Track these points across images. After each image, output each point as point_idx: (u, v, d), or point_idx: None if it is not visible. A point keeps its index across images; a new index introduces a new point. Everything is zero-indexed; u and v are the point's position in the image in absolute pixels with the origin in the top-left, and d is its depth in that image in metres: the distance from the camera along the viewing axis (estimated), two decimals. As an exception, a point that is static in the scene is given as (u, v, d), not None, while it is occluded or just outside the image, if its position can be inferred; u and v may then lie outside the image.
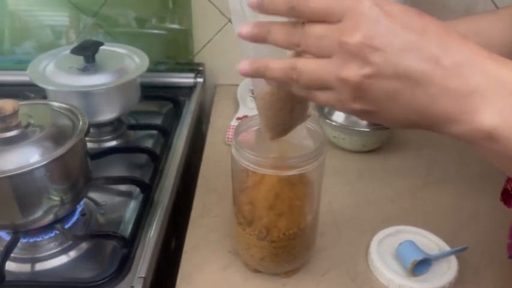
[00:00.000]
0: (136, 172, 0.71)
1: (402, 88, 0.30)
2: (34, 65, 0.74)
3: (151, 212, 0.62)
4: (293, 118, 0.44)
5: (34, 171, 0.50)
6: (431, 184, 0.70)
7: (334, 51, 0.31)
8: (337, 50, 0.30)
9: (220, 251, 0.59)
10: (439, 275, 0.53)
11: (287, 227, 0.51)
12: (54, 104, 0.60)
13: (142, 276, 0.52)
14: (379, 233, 0.59)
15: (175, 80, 0.92)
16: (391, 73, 0.29)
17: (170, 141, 0.76)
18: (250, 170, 0.48)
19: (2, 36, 0.94)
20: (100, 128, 0.79)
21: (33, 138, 0.52)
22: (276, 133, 0.45)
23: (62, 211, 0.55)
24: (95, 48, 0.73)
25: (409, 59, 0.29)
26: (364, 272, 0.56)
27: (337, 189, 0.69)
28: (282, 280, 0.55)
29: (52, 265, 0.56)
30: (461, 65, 0.29)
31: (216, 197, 0.67)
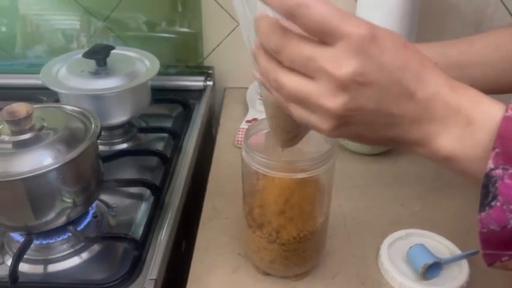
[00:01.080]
0: (147, 175, 0.72)
1: (381, 120, 0.33)
2: (47, 69, 0.75)
3: (162, 214, 0.63)
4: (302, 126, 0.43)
5: (47, 173, 0.51)
6: (441, 187, 0.70)
7: (321, 77, 0.31)
8: (324, 77, 0.31)
9: (230, 253, 0.59)
10: (450, 279, 0.53)
11: (297, 230, 0.51)
12: (67, 108, 0.60)
13: (154, 278, 0.52)
14: (390, 236, 0.59)
15: (185, 83, 0.93)
16: (374, 108, 0.32)
17: (180, 144, 0.77)
18: (261, 172, 0.48)
19: (13, 40, 0.96)
20: (111, 131, 0.79)
21: (47, 141, 0.52)
22: (286, 141, 0.45)
23: (74, 213, 0.56)
24: (106, 52, 0.74)
25: (391, 95, 0.31)
26: (374, 275, 0.56)
27: (346, 192, 0.69)
28: (292, 283, 0.55)
29: (64, 267, 0.57)
30: (429, 99, 0.32)
31: (226, 200, 0.67)
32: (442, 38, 0.90)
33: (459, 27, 0.88)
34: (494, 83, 0.52)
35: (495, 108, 0.32)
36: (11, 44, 0.96)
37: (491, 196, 0.30)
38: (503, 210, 0.30)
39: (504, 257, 0.32)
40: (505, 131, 0.30)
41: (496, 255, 0.32)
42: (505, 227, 0.30)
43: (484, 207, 0.31)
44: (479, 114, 0.32)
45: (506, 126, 0.30)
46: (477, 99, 0.33)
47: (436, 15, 0.87)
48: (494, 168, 0.30)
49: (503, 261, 0.32)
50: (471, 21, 0.88)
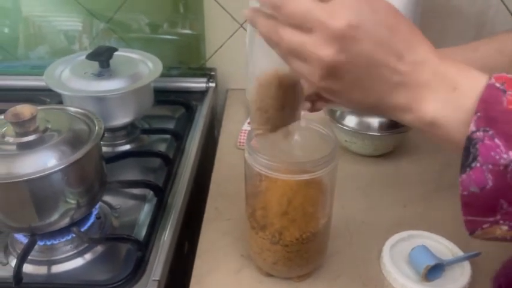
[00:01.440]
0: (150, 176, 0.72)
1: (368, 75, 0.34)
2: (50, 71, 0.75)
3: (164, 216, 0.63)
4: (283, 117, 0.46)
5: (51, 175, 0.52)
6: (443, 189, 0.70)
7: (316, 29, 0.33)
8: (319, 29, 0.33)
9: (233, 254, 0.59)
10: (452, 281, 0.53)
11: (300, 231, 0.51)
12: (70, 109, 0.61)
13: (157, 279, 0.53)
14: (392, 237, 0.59)
15: (188, 85, 0.93)
16: (363, 63, 0.33)
17: (183, 145, 0.77)
18: (264, 174, 0.49)
19: (16, 42, 0.96)
20: (114, 133, 0.80)
21: (51, 143, 0.53)
22: (265, 129, 0.46)
23: (78, 214, 0.56)
24: (109, 54, 0.74)
25: (380, 53, 0.33)
26: (376, 277, 0.56)
27: (349, 194, 0.69)
28: (295, 284, 0.55)
29: (68, 267, 0.57)
30: (418, 63, 0.34)
31: (229, 201, 0.67)
32: (443, 40, 0.91)
33: (461, 29, 0.89)
34: None
35: (481, 78, 0.33)
36: (13, 45, 0.96)
37: (471, 157, 0.31)
38: (482, 171, 0.31)
39: (485, 224, 0.32)
40: (487, 96, 0.31)
41: (477, 222, 0.33)
42: (483, 188, 0.31)
43: (464, 168, 0.32)
44: (465, 81, 0.33)
45: (489, 92, 0.31)
46: (465, 69, 0.34)
47: (438, 17, 0.88)
48: (475, 130, 0.31)
49: (484, 228, 0.33)
50: (473, 23, 0.88)
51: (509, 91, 0.31)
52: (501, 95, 0.31)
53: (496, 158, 0.30)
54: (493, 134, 0.30)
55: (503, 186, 0.30)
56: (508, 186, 0.30)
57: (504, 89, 0.31)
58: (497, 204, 0.31)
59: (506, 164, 0.30)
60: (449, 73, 0.34)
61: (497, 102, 0.31)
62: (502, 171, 0.30)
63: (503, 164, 0.30)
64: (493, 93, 0.31)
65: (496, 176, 0.30)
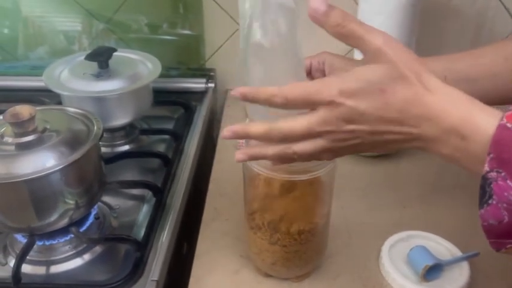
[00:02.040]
0: (148, 176, 0.72)
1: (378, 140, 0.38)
2: (49, 71, 0.75)
3: (163, 216, 0.63)
4: None
5: (50, 175, 0.52)
6: (443, 189, 0.70)
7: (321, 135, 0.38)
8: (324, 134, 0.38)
9: (232, 255, 0.59)
10: (451, 281, 0.53)
11: (299, 231, 0.51)
12: (69, 110, 0.61)
13: (155, 279, 0.53)
14: (391, 237, 0.59)
15: (187, 85, 0.93)
16: (371, 140, 0.38)
17: (182, 145, 0.77)
18: (262, 174, 0.49)
19: (16, 42, 0.96)
20: (113, 133, 0.80)
21: (49, 143, 0.53)
22: None
23: (77, 214, 0.56)
24: (108, 55, 0.74)
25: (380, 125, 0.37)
26: (375, 277, 0.56)
27: (348, 194, 0.69)
28: (294, 285, 0.55)
29: (67, 268, 0.57)
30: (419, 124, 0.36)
31: (228, 201, 0.67)
32: (442, 42, 0.91)
33: (459, 31, 0.89)
34: (506, 94, 0.53)
35: (488, 122, 0.34)
36: (13, 45, 0.96)
37: (487, 195, 0.33)
38: (498, 208, 0.33)
39: (508, 244, 0.35)
40: (498, 138, 0.33)
41: (501, 243, 0.35)
42: (501, 222, 0.33)
43: (482, 204, 0.34)
44: (471, 130, 0.35)
45: (500, 133, 0.33)
46: (469, 116, 0.35)
47: (436, 19, 0.88)
48: (489, 171, 0.33)
49: (508, 248, 0.35)
50: (472, 25, 0.88)
51: None
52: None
53: (510, 198, 0.32)
54: (505, 175, 0.33)
55: None
56: None
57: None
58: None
59: None
60: (454, 125, 0.35)
61: (508, 145, 0.32)
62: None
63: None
64: (506, 134, 0.33)
65: (510, 213, 0.33)
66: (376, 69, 0.36)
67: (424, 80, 0.36)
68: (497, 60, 0.53)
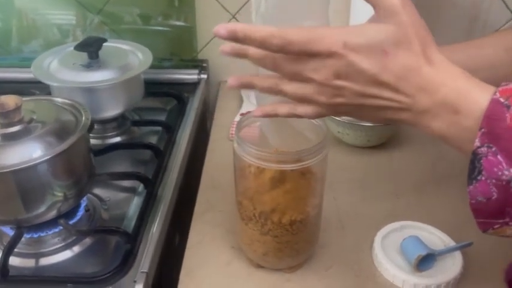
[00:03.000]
0: (140, 168, 0.71)
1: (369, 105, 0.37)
2: (38, 62, 0.74)
3: (154, 208, 0.62)
4: None
5: (37, 166, 0.51)
6: (437, 179, 0.70)
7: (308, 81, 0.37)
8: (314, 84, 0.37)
9: (224, 246, 0.59)
10: (444, 271, 0.53)
11: (290, 221, 0.50)
12: (57, 100, 0.60)
13: (145, 271, 0.52)
14: (384, 228, 0.59)
15: (180, 77, 0.92)
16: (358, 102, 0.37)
17: (174, 137, 0.76)
18: (253, 164, 0.48)
19: (9, 35, 0.95)
20: (104, 125, 0.79)
21: (36, 134, 0.52)
22: None
23: (65, 206, 0.56)
24: (98, 45, 0.73)
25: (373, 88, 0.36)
26: (368, 268, 0.55)
27: (341, 185, 0.68)
28: (286, 275, 0.54)
29: (56, 260, 0.57)
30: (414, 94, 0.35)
31: (220, 193, 0.67)
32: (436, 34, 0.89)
33: (454, 22, 0.88)
34: None
35: (482, 97, 0.33)
36: (6, 39, 0.95)
37: (477, 171, 0.33)
38: (487, 184, 0.32)
39: (495, 225, 0.34)
40: (491, 112, 0.32)
41: (488, 223, 0.35)
42: (490, 199, 0.33)
43: (471, 180, 0.33)
44: (465, 104, 0.34)
45: (493, 108, 0.32)
46: (466, 87, 0.34)
47: (431, 10, 0.87)
48: (480, 146, 0.32)
49: (495, 228, 0.35)
50: (466, 15, 0.87)
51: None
52: (505, 111, 0.32)
53: (499, 174, 0.32)
54: (496, 150, 0.32)
55: (506, 198, 0.32)
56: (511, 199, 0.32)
57: (508, 104, 0.32)
58: (504, 210, 0.33)
59: (508, 179, 0.31)
60: (449, 98, 0.34)
61: (500, 119, 0.32)
62: (505, 186, 0.32)
63: (505, 180, 0.32)
64: (497, 109, 0.32)
65: (499, 190, 0.32)
66: (384, 29, 0.34)
67: (428, 51, 0.35)
68: (498, 52, 0.52)
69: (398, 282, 0.53)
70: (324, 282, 0.54)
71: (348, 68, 0.35)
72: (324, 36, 0.35)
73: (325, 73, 0.35)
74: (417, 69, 0.35)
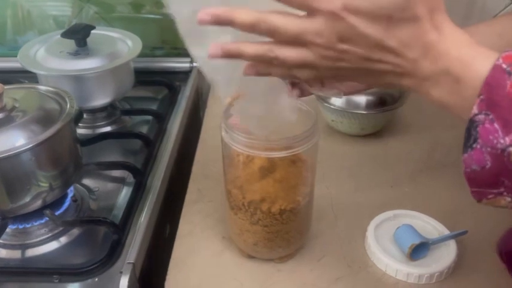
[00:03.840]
0: (131, 158, 0.70)
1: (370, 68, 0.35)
2: (25, 50, 0.73)
3: (143, 198, 0.61)
4: None
5: (20, 154, 0.49)
6: (432, 168, 0.68)
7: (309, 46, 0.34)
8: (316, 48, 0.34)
9: (214, 236, 0.57)
10: (438, 260, 0.52)
11: (280, 211, 0.49)
12: (41, 88, 0.58)
13: (131, 262, 0.51)
14: (377, 217, 0.57)
15: (172, 65, 0.90)
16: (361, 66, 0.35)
17: (165, 126, 0.75)
18: (241, 152, 0.47)
19: (4, 27, 0.94)
20: (94, 114, 0.77)
21: (18, 122, 0.51)
22: None
23: (51, 197, 0.54)
24: (85, 32, 0.72)
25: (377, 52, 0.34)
26: (361, 257, 0.54)
27: (335, 174, 0.67)
28: (277, 266, 0.53)
29: (43, 251, 0.56)
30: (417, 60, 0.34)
31: (212, 183, 0.66)
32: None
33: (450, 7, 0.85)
34: None
35: (485, 65, 0.32)
36: (1, 30, 0.94)
37: (472, 139, 0.32)
38: (482, 152, 0.32)
39: (490, 194, 0.34)
40: (491, 79, 0.31)
41: (482, 192, 0.34)
42: (484, 167, 0.32)
43: (466, 148, 0.33)
44: (468, 73, 0.33)
45: (494, 75, 0.31)
46: (468, 59, 0.33)
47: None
48: (477, 113, 0.31)
49: (489, 198, 0.34)
50: (463, 2, 0.86)
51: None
52: (506, 77, 0.31)
53: (494, 142, 0.31)
54: (493, 118, 0.31)
55: (501, 167, 0.32)
56: (506, 168, 0.31)
57: (510, 71, 0.31)
58: (499, 180, 0.32)
59: (503, 148, 0.31)
60: (451, 67, 0.33)
61: (500, 86, 0.31)
62: (499, 154, 0.31)
63: (500, 148, 0.31)
64: (498, 75, 0.31)
65: (493, 158, 0.31)
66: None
67: (435, 17, 0.34)
68: (491, 37, 0.51)
69: (391, 272, 0.52)
70: (315, 273, 0.53)
71: (350, 31, 0.33)
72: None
73: (328, 36, 0.33)
74: (422, 36, 0.33)
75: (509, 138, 0.30)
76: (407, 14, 0.32)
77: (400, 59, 0.34)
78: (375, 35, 0.33)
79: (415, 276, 0.51)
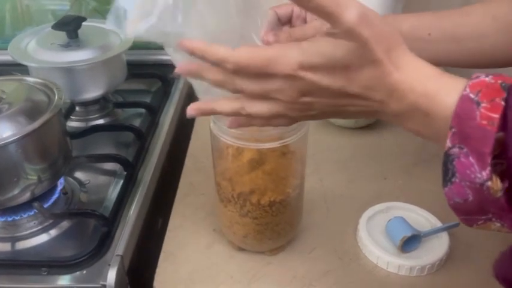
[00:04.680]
0: (123, 151, 0.69)
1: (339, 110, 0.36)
2: (15, 43, 0.72)
3: (134, 191, 0.60)
4: None
5: (7, 146, 0.49)
6: (425, 160, 0.68)
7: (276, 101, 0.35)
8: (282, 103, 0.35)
9: (205, 229, 0.57)
10: (430, 252, 0.51)
11: (269, 202, 0.49)
12: (29, 80, 0.58)
13: (120, 254, 0.50)
14: (369, 209, 0.57)
15: (165, 58, 0.89)
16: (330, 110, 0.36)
17: (157, 119, 0.74)
18: (230, 143, 0.46)
19: (3, 22, 0.93)
20: (87, 107, 0.77)
21: (5, 114, 0.50)
22: None
23: (40, 189, 0.54)
24: (76, 24, 0.71)
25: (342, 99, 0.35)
26: (352, 250, 0.54)
27: (328, 167, 0.67)
28: (267, 258, 0.53)
29: (32, 244, 0.55)
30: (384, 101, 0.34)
31: (204, 176, 0.65)
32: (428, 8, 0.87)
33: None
34: (491, 56, 0.50)
35: (452, 97, 0.32)
36: (0, 25, 0.93)
37: (450, 173, 0.31)
38: (462, 186, 0.31)
39: (479, 221, 0.33)
40: (460, 110, 0.31)
41: (471, 219, 0.34)
42: (466, 200, 0.31)
43: (446, 182, 0.32)
44: (435, 106, 0.33)
45: (463, 105, 0.31)
46: (434, 92, 0.33)
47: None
48: (451, 147, 0.31)
49: (479, 224, 0.34)
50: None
51: (483, 102, 0.30)
52: (475, 108, 0.30)
53: (472, 177, 0.30)
54: (467, 151, 0.30)
55: (483, 199, 0.31)
56: (487, 199, 0.31)
57: (478, 100, 0.30)
58: (484, 209, 0.32)
59: (481, 183, 0.30)
60: (418, 103, 0.33)
61: (470, 118, 0.30)
62: (479, 188, 0.30)
63: (478, 183, 0.30)
64: (467, 106, 0.30)
65: (474, 192, 0.31)
66: (343, 44, 0.32)
67: (394, 56, 0.33)
68: (485, 20, 0.50)
69: (383, 264, 0.51)
70: (306, 265, 0.52)
71: (310, 86, 0.34)
72: (278, 57, 0.33)
73: (290, 93, 0.34)
74: (384, 77, 0.33)
75: (486, 173, 0.29)
76: (365, 60, 0.32)
77: (367, 101, 0.34)
78: (336, 85, 0.33)
79: (406, 269, 0.50)
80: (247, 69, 0.34)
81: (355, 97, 0.34)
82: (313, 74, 0.33)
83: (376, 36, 0.32)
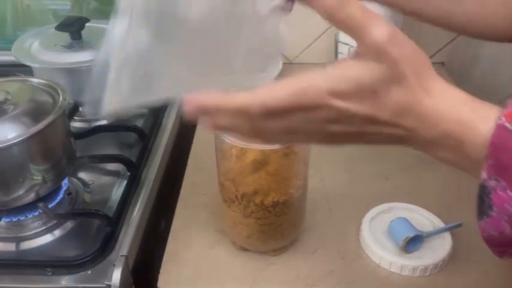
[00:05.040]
0: (126, 151, 0.70)
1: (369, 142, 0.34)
2: (19, 44, 0.72)
3: (137, 191, 0.61)
4: None
5: (12, 147, 0.49)
6: (426, 160, 0.66)
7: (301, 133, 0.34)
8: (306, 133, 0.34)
9: (208, 229, 0.57)
10: (432, 252, 0.52)
11: (273, 203, 0.49)
12: (33, 81, 0.58)
13: (124, 254, 0.51)
14: (372, 210, 0.57)
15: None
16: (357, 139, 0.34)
17: (160, 119, 0.75)
18: (233, 144, 0.46)
19: (4, 22, 0.93)
20: (90, 108, 0.77)
21: (10, 114, 0.50)
22: None
23: (44, 189, 0.54)
24: (79, 25, 0.71)
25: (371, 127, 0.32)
26: (355, 250, 0.54)
27: (330, 166, 0.67)
28: (270, 259, 0.53)
29: (37, 244, 0.55)
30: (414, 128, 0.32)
31: (207, 176, 0.65)
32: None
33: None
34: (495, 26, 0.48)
35: (487, 125, 0.30)
36: (1, 25, 0.94)
37: (486, 205, 0.30)
38: (499, 220, 0.30)
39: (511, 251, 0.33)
40: (497, 140, 0.29)
41: (503, 251, 0.33)
42: (502, 232, 0.30)
43: (481, 215, 0.31)
44: (470, 135, 0.31)
45: (499, 135, 0.29)
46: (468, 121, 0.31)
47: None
48: (487, 178, 0.30)
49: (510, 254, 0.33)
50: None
51: None
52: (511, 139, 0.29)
53: (511, 211, 0.29)
54: (505, 185, 0.29)
55: None
56: None
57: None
58: None
59: None
60: (451, 130, 0.31)
61: (507, 149, 0.29)
62: None
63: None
64: (503, 136, 0.29)
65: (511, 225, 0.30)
66: (371, 68, 0.30)
67: (424, 81, 0.31)
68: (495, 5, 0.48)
69: (385, 264, 0.52)
70: (309, 265, 0.52)
71: (339, 114, 0.31)
72: (306, 89, 0.31)
73: (318, 124, 0.32)
74: (414, 104, 0.31)
75: None
76: (395, 83, 0.30)
77: (397, 129, 0.32)
78: (363, 112, 0.31)
79: (409, 269, 0.50)
80: (276, 111, 0.31)
81: (384, 124, 0.32)
82: (343, 101, 0.31)
83: (406, 57, 0.30)
